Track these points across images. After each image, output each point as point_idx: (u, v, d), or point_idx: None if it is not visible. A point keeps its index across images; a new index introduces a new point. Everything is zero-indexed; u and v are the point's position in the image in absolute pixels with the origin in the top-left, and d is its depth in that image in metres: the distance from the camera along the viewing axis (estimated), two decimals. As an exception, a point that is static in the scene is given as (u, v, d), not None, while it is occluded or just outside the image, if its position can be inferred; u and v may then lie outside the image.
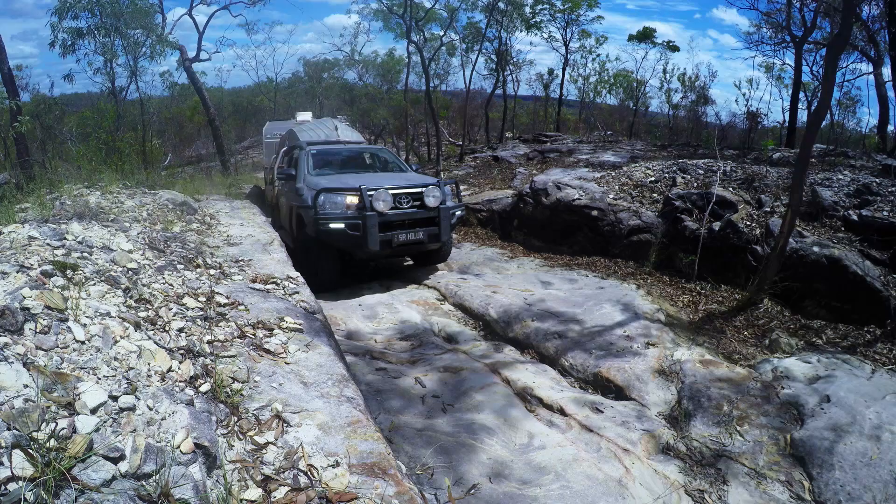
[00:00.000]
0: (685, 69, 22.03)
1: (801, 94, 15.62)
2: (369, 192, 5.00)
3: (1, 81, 7.16)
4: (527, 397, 3.01)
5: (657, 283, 5.04)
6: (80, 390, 1.30)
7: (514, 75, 18.51)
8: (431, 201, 5.26)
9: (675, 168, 6.91)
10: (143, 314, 1.93)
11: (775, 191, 5.65)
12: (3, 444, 1.06)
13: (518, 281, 5.20)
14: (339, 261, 5.35)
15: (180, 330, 1.98)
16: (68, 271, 1.91)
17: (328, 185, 5.28)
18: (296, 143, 6.96)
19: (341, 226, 4.98)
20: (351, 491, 1.41)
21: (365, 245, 4.95)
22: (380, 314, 4.49)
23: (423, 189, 5.31)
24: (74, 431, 1.18)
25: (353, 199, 5.08)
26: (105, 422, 1.26)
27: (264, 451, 1.52)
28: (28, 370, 1.30)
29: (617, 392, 3.13)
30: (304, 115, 9.67)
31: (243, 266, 3.43)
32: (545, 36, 17.94)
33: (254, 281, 3.12)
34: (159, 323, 1.95)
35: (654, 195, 6.39)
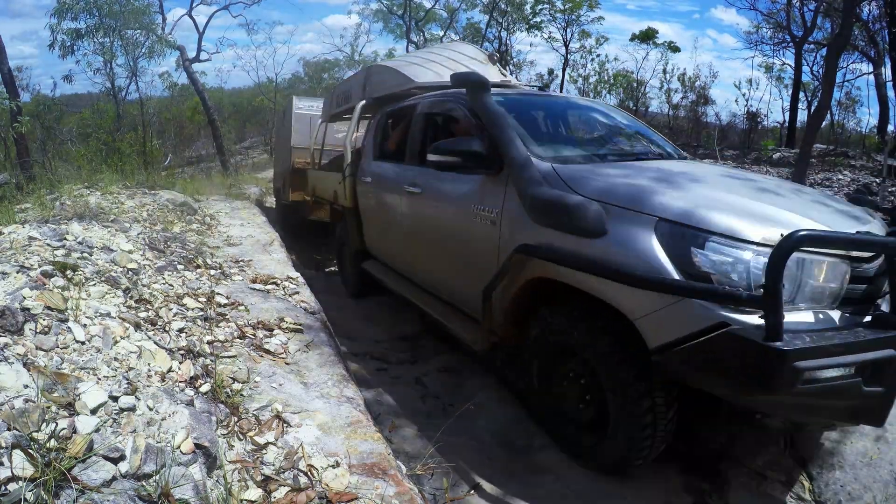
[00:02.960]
0: (685, 69, 22.10)
1: (801, 94, 15.68)
2: None
3: (1, 82, 7.18)
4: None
5: (657, 283, 5.04)
6: (81, 390, 1.30)
7: (514, 75, 18.55)
8: None
9: (675, 168, 6.90)
10: (143, 314, 1.93)
11: (775, 191, 5.63)
12: (4, 445, 1.06)
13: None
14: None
15: (180, 330, 1.98)
16: (68, 272, 1.91)
17: (712, 194, 1.77)
18: (413, 94, 3.37)
19: (853, 375, 1.47)
20: (351, 491, 1.41)
21: None
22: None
23: None
24: (74, 432, 1.18)
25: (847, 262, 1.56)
26: (105, 422, 1.26)
27: (264, 451, 1.52)
28: (28, 370, 1.30)
29: (617, 392, 3.13)
30: (303, 103, 7.07)
31: (243, 266, 3.43)
32: (545, 36, 18.01)
33: (254, 281, 3.12)
34: (159, 323, 1.95)
35: (654, 195, 6.38)
